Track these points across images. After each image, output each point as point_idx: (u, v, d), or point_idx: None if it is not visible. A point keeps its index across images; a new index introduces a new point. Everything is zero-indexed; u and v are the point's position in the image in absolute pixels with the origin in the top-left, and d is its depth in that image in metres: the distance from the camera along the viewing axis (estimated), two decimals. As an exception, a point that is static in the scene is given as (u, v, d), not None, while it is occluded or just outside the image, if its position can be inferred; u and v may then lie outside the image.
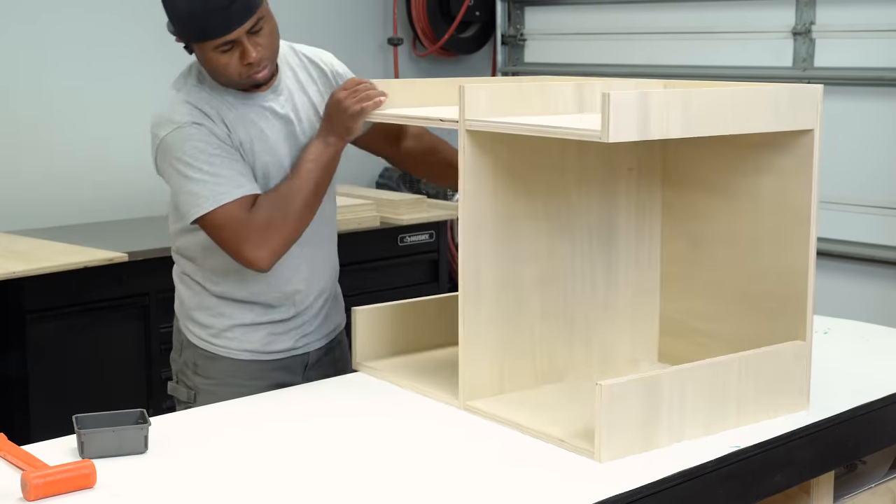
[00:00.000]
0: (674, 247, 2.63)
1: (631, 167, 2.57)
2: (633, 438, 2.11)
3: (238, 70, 2.49)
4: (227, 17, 2.41)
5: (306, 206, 2.55)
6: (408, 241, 4.54)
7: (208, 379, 2.71)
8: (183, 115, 2.51)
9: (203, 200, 2.49)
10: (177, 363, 2.79)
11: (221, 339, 2.69)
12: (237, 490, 1.97)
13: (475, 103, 2.28)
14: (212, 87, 2.57)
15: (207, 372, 2.71)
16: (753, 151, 2.38)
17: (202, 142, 2.50)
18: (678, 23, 5.02)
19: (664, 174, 2.62)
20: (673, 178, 2.60)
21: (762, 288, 2.40)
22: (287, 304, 2.70)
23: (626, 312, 2.63)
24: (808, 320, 2.31)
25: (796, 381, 2.31)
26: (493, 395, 2.39)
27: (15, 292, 3.71)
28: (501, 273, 2.40)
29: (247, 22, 2.43)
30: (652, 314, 2.67)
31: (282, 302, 2.70)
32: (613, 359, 2.61)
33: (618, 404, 2.08)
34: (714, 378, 2.20)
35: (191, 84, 2.58)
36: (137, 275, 3.91)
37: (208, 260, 2.65)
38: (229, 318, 2.68)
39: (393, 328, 2.69)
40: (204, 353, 2.71)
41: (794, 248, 2.31)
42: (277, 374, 2.71)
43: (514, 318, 2.43)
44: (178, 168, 2.51)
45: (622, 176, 2.57)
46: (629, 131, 2.01)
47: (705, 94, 2.15)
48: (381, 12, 5.67)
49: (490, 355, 2.39)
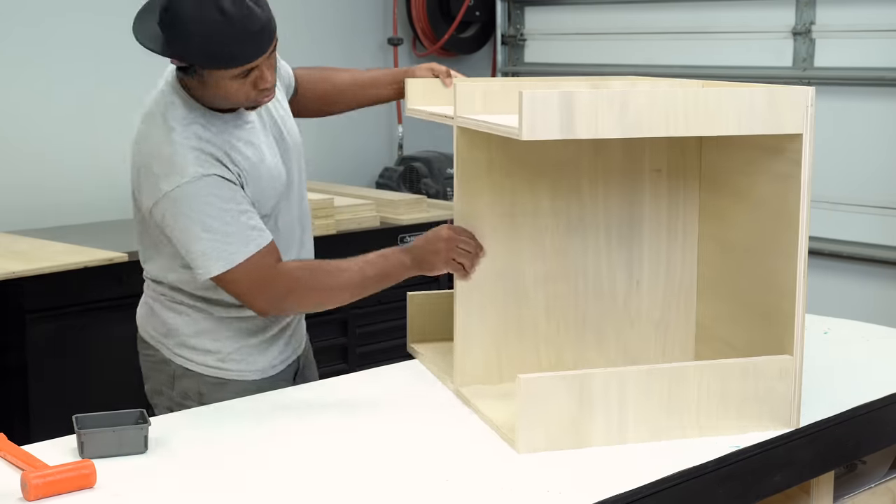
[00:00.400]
0: (709, 251, 2.58)
1: (658, 168, 2.56)
2: (560, 434, 2.12)
3: (249, 95, 2.35)
4: (257, 42, 2.27)
5: (339, 290, 2.45)
6: (408, 241, 4.53)
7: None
8: (188, 165, 2.33)
9: (213, 262, 2.35)
10: (170, 397, 2.59)
11: (229, 362, 2.56)
12: (237, 490, 1.97)
13: (470, 101, 2.32)
14: (202, 114, 2.39)
15: (216, 398, 2.51)
16: (759, 154, 2.33)
17: (211, 196, 2.33)
18: (678, 23, 5.02)
19: (702, 177, 2.58)
20: (708, 181, 2.56)
21: (765, 297, 2.34)
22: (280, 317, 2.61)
23: (653, 315, 2.61)
24: (797, 333, 2.22)
25: (779, 397, 2.23)
26: (487, 383, 2.46)
27: (15, 292, 3.70)
28: (498, 268, 2.45)
29: (270, 46, 2.31)
30: (686, 319, 2.63)
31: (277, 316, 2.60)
32: (635, 360, 2.60)
33: (539, 399, 2.10)
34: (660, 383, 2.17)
35: (181, 116, 2.37)
36: (137, 275, 3.89)
37: (208, 289, 2.49)
38: (235, 340, 2.56)
39: (443, 314, 2.71)
40: (211, 379, 2.55)
41: (784, 255, 2.24)
42: (280, 385, 2.63)
43: (513, 312, 2.49)
44: (186, 226, 2.34)
45: (647, 176, 2.56)
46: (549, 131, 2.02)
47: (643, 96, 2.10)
48: (381, 12, 5.67)
49: (485, 346, 2.48)
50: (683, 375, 2.19)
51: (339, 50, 3.16)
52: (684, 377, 2.19)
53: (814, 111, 2.17)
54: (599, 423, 2.14)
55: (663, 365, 2.23)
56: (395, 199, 4.70)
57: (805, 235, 2.20)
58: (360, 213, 4.50)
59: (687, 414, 2.19)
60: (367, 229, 4.50)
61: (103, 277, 3.85)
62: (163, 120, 2.38)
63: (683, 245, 2.61)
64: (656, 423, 2.17)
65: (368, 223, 4.52)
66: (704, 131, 2.17)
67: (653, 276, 2.60)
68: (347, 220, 4.43)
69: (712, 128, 2.15)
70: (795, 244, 2.21)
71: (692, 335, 2.64)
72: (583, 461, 2.09)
